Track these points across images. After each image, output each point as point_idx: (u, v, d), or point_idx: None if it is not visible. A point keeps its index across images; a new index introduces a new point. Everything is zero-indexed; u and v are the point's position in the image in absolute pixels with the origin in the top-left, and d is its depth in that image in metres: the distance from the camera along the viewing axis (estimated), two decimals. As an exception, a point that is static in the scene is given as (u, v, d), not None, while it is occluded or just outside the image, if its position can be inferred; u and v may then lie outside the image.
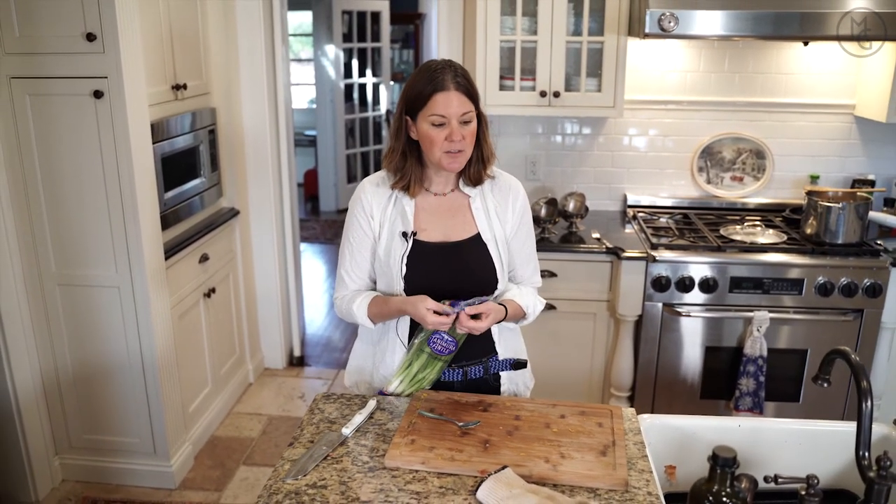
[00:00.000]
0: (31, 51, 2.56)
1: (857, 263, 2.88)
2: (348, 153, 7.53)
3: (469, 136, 1.73)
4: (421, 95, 1.71)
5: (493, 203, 1.86)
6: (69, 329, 2.88)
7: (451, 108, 1.69)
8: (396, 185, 1.82)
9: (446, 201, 1.85)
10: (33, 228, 2.76)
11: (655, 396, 3.09)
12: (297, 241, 4.19)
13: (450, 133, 1.70)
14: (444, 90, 1.69)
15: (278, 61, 3.78)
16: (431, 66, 1.73)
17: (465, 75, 1.74)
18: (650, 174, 3.56)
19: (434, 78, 1.70)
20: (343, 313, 1.89)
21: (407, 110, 1.75)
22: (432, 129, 1.71)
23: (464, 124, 1.72)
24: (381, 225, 1.83)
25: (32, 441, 2.90)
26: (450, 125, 1.70)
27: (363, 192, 1.86)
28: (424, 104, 1.71)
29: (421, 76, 1.73)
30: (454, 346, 1.74)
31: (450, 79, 1.70)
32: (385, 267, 1.82)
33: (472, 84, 1.74)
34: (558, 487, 1.44)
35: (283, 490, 1.44)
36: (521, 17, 3.11)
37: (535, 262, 1.97)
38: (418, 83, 1.72)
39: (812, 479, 1.31)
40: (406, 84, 1.77)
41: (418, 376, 1.78)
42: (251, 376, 4.00)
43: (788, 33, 2.79)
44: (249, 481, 3.12)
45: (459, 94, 1.70)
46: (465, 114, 1.71)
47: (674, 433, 1.73)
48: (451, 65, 1.74)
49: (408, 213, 1.81)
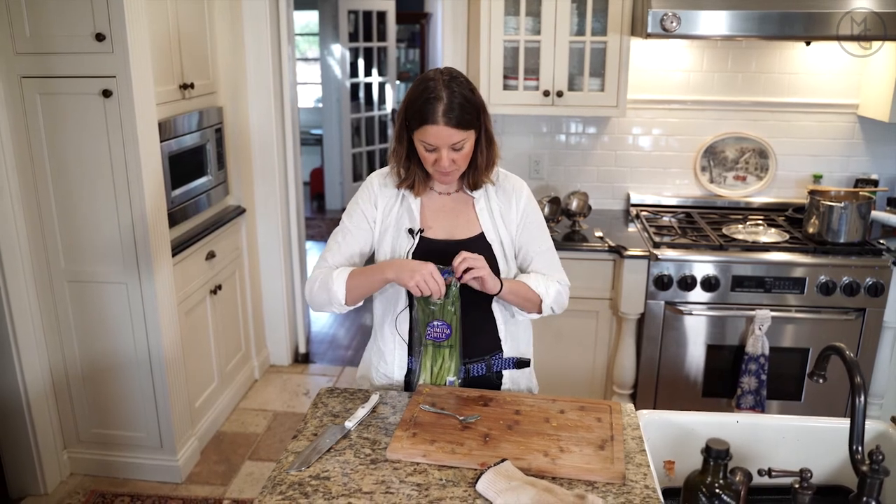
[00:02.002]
0: (41, 51, 2.60)
1: (859, 263, 2.89)
2: (354, 152, 7.57)
3: (461, 158, 1.73)
4: (414, 118, 1.69)
5: (497, 204, 1.86)
6: (78, 325, 2.92)
7: (440, 140, 1.68)
8: (402, 184, 1.83)
9: (451, 200, 1.87)
10: (43, 225, 2.80)
11: (657, 394, 3.11)
12: (302, 239, 4.22)
13: (438, 159, 1.70)
14: (434, 124, 1.65)
15: (285, 60, 3.82)
16: (428, 89, 1.67)
17: (463, 101, 1.67)
18: (653, 173, 3.58)
19: (428, 105, 1.65)
20: (314, 291, 1.82)
21: (405, 119, 1.74)
22: (424, 151, 1.72)
23: (454, 150, 1.70)
24: (386, 219, 1.84)
25: (41, 435, 2.94)
26: (439, 152, 1.70)
27: (371, 185, 1.87)
28: (417, 128, 1.69)
29: (416, 94, 1.69)
30: (448, 328, 1.73)
31: (441, 112, 1.64)
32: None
33: (468, 109, 1.68)
34: (556, 480, 1.46)
35: (286, 481, 1.47)
36: (525, 17, 3.13)
37: (553, 258, 1.92)
38: (415, 102, 1.68)
39: (805, 473, 1.33)
40: (407, 93, 1.73)
41: (434, 369, 1.80)
42: (257, 373, 4.03)
43: (791, 33, 2.80)
44: (255, 476, 3.16)
45: (449, 127, 1.66)
46: (456, 143, 1.69)
47: (673, 429, 1.75)
48: (450, 87, 1.67)
49: (414, 211, 1.83)
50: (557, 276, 1.92)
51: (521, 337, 1.96)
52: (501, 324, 1.89)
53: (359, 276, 1.77)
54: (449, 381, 1.79)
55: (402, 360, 1.88)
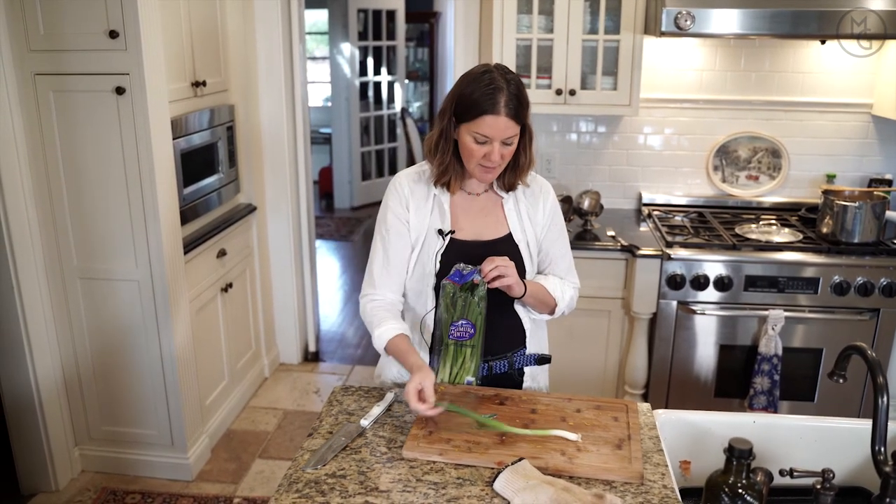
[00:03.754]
0: (55, 48, 2.60)
1: (873, 263, 2.87)
2: (363, 151, 7.57)
3: (508, 154, 1.72)
4: (470, 110, 1.67)
5: (525, 205, 1.86)
6: (90, 322, 2.92)
7: (496, 132, 1.66)
8: (438, 180, 1.80)
9: (479, 201, 1.85)
10: (55, 223, 2.81)
11: (669, 394, 3.09)
12: (312, 237, 4.22)
13: (489, 152, 1.69)
14: (495, 114, 1.64)
15: (295, 59, 3.82)
16: (487, 81, 1.66)
17: (519, 94, 1.68)
18: (665, 172, 3.56)
19: (488, 96, 1.65)
20: (365, 319, 1.84)
21: (454, 113, 1.72)
22: (473, 144, 1.70)
23: (505, 145, 1.70)
24: (418, 219, 1.82)
25: (53, 432, 2.95)
26: (491, 145, 1.68)
27: (400, 186, 1.83)
28: (471, 119, 1.67)
29: (476, 86, 1.67)
30: (472, 328, 1.71)
31: (503, 103, 1.64)
32: (420, 261, 1.81)
33: (523, 103, 1.69)
34: (574, 480, 1.46)
35: (302, 479, 1.46)
36: (538, 16, 3.12)
37: (571, 262, 1.94)
38: (472, 93, 1.67)
39: (828, 473, 1.32)
40: (458, 85, 1.71)
41: (454, 370, 1.78)
42: (267, 371, 4.03)
43: (805, 32, 2.79)
44: (265, 474, 3.16)
45: (508, 119, 1.65)
46: (509, 137, 1.69)
47: (688, 428, 1.74)
48: (508, 80, 1.67)
49: (446, 211, 1.82)
50: (572, 279, 1.94)
51: (541, 335, 1.96)
52: (527, 321, 1.89)
53: (393, 351, 1.76)
54: (467, 381, 1.78)
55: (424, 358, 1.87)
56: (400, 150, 7.95)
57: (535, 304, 1.84)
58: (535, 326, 1.93)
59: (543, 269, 1.91)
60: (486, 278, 1.67)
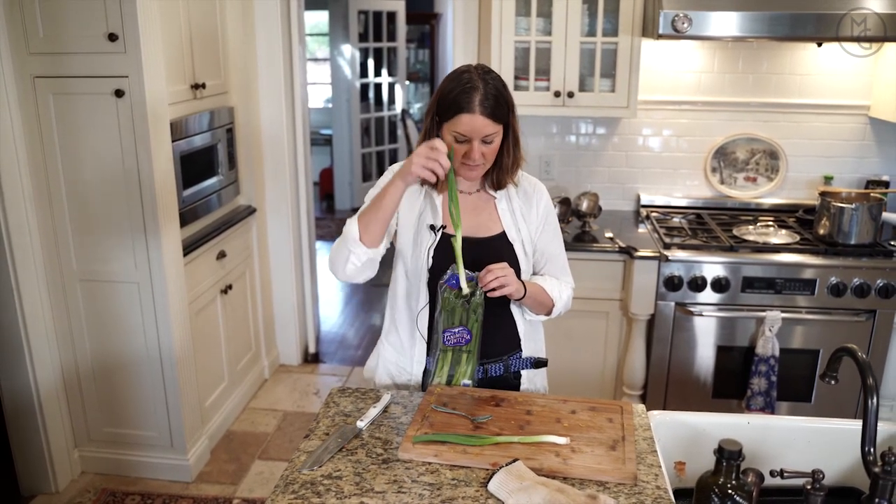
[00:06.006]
0: (54, 51, 2.61)
1: (870, 264, 2.88)
2: (364, 152, 7.59)
3: (490, 152, 1.74)
4: (449, 108, 1.70)
5: (518, 204, 1.88)
6: (89, 324, 2.93)
7: (473, 130, 1.69)
8: (426, 181, 1.81)
9: (472, 199, 1.87)
10: (55, 225, 2.82)
11: (667, 395, 3.10)
12: (312, 239, 4.23)
13: (469, 151, 1.71)
14: (470, 112, 1.67)
15: (295, 61, 3.83)
16: (464, 80, 1.69)
17: (497, 94, 1.70)
18: (664, 174, 3.57)
19: (464, 95, 1.67)
20: (332, 252, 1.78)
21: (437, 112, 1.75)
22: (454, 143, 1.72)
23: (485, 143, 1.72)
24: (409, 209, 1.84)
25: (53, 434, 2.96)
26: (470, 144, 1.71)
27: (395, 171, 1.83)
28: (450, 118, 1.70)
29: (454, 86, 1.70)
30: (468, 334, 1.73)
31: (477, 102, 1.67)
32: (412, 257, 1.84)
33: (502, 102, 1.71)
34: (568, 480, 1.46)
35: (299, 480, 1.47)
36: (536, 18, 3.13)
37: (565, 262, 1.96)
38: (450, 92, 1.70)
39: (817, 474, 1.33)
40: (439, 86, 1.75)
41: (449, 374, 1.80)
42: (266, 372, 4.05)
43: (803, 34, 2.80)
44: (265, 475, 3.17)
45: (485, 117, 1.68)
46: (488, 136, 1.71)
47: (684, 430, 1.75)
48: (485, 79, 1.70)
49: (437, 206, 1.83)
50: (567, 278, 1.96)
51: (537, 337, 1.98)
52: (521, 324, 1.90)
53: (368, 209, 1.73)
54: (463, 383, 1.80)
55: (421, 355, 1.89)
56: (401, 151, 7.97)
57: (533, 305, 1.85)
58: (531, 329, 1.94)
59: (538, 269, 1.93)
60: (484, 289, 1.69)
